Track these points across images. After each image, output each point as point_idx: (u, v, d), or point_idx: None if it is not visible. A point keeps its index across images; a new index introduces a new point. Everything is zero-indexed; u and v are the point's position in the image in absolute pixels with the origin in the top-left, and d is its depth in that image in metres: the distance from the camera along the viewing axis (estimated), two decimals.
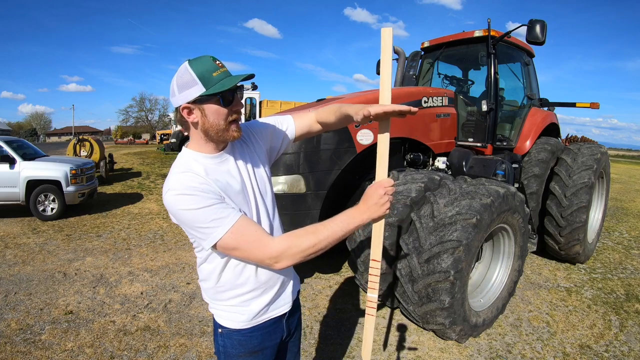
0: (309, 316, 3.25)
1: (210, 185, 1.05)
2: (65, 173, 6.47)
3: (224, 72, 1.05)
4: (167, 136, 24.87)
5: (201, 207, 1.00)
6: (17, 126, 60.45)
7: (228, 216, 1.02)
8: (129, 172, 12.65)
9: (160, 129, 45.30)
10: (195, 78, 1.02)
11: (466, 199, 2.74)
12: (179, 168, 1.08)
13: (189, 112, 1.07)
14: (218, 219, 1.01)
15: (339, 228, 1.07)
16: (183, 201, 1.01)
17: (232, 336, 1.21)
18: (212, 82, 1.02)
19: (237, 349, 1.20)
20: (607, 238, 5.90)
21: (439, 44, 4.64)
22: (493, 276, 3.21)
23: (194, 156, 1.11)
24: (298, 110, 3.27)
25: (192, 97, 1.03)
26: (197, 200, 1.00)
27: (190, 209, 1.00)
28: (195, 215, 1.01)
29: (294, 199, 2.99)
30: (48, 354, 2.67)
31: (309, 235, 1.05)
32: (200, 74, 1.02)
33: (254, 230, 1.05)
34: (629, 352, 2.85)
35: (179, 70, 1.05)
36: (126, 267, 4.30)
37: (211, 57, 1.06)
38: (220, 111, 1.06)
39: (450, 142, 4.09)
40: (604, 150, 4.57)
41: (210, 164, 1.11)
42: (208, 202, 1.01)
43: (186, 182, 1.03)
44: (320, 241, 1.05)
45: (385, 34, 1.10)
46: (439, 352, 2.75)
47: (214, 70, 1.03)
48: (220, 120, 1.07)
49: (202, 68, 1.03)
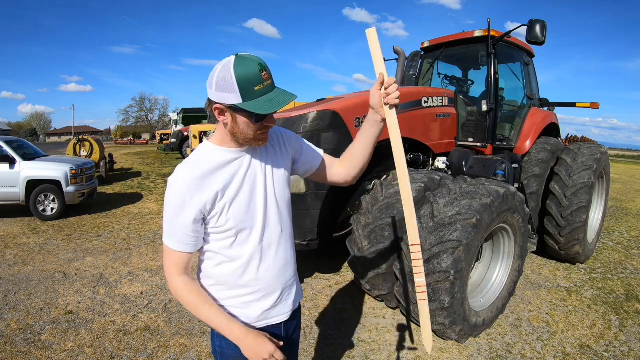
0: (309, 316, 3.25)
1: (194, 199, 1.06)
2: (65, 173, 6.47)
3: (267, 87, 1.01)
4: (167, 136, 24.84)
5: (168, 216, 1.10)
6: (17, 126, 60.48)
7: (174, 241, 1.11)
8: (129, 172, 12.65)
9: (160, 129, 45.31)
10: (235, 84, 0.98)
11: (466, 199, 2.74)
12: (190, 159, 1.12)
13: (221, 113, 1.05)
14: (168, 233, 1.12)
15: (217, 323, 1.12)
16: (167, 194, 1.09)
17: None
18: (250, 95, 0.98)
19: (234, 350, 1.19)
20: (607, 238, 5.90)
21: (439, 44, 4.64)
22: (493, 276, 3.21)
23: (212, 150, 1.13)
24: (298, 109, 3.27)
25: (227, 102, 1.01)
26: (170, 208, 1.09)
27: (165, 206, 1.10)
28: (164, 213, 1.11)
29: (294, 199, 2.95)
30: (48, 354, 2.67)
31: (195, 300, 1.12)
32: (242, 82, 0.98)
33: (175, 263, 1.14)
34: (629, 352, 2.85)
35: (223, 66, 1.00)
36: (126, 267, 4.30)
37: (259, 65, 1.00)
38: (251, 125, 1.05)
39: (450, 142, 4.09)
40: (604, 150, 4.57)
41: (225, 157, 1.12)
42: (173, 219, 1.09)
43: (178, 183, 1.08)
44: (196, 312, 1.13)
45: (370, 34, 1.16)
46: (439, 352, 2.75)
47: (257, 82, 0.99)
48: (250, 131, 1.07)
49: (246, 76, 0.98)
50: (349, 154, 1.35)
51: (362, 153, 1.30)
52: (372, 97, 1.19)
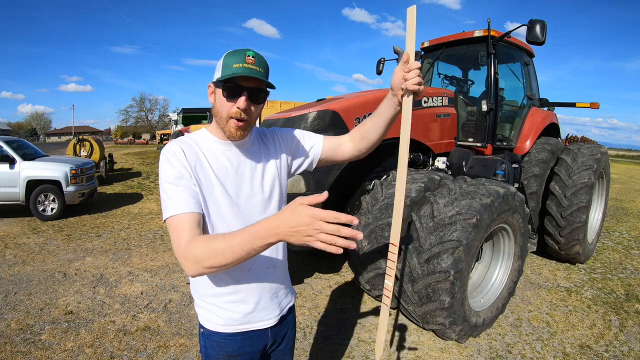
0: (309, 316, 3.25)
1: (192, 166, 1.06)
2: (65, 173, 6.47)
3: (245, 68, 1.02)
4: (167, 136, 24.87)
5: (168, 180, 1.05)
6: (17, 126, 60.48)
7: (176, 205, 1.01)
8: (129, 172, 12.65)
9: (160, 129, 45.34)
10: (221, 62, 1.06)
11: (466, 199, 2.74)
12: (182, 139, 1.14)
13: (210, 93, 1.12)
14: (171, 200, 1.03)
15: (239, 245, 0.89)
16: (162, 164, 1.07)
17: (212, 337, 1.18)
18: (227, 70, 1.04)
19: (216, 351, 1.17)
20: (607, 238, 5.90)
21: (439, 44, 4.64)
22: (493, 276, 3.21)
23: (205, 135, 1.16)
24: (298, 109, 3.27)
25: (214, 79, 1.09)
26: (170, 170, 1.05)
27: (162, 176, 1.06)
28: (162, 185, 1.06)
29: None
30: (48, 354, 2.67)
31: (207, 244, 0.93)
32: (226, 60, 1.05)
33: (182, 227, 0.99)
34: (629, 352, 2.85)
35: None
36: (126, 267, 4.29)
37: (249, 52, 1.05)
38: (222, 101, 1.07)
39: (450, 142, 4.08)
40: (604, 150, 4.57)
41: (214, 146, 1.14)
42: (175, 179, 1.04)
43: (173, 150, 1.07)
44: (225, 252, 0.90)
45: (410, 12, 1.12)
46: (439, 352, 2.75)
47: (238, 62, 1.03)
48: (222, 109, 1.08)
49: (232, 57, 1.05)
50: (360, 129, 1.32)
51: (373, 131, 1.27)
52: (394, 76, 1.16)
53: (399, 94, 1.16)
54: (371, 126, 1.27)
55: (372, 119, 1.27)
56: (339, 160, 1.38)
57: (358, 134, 1.32)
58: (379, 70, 5.38)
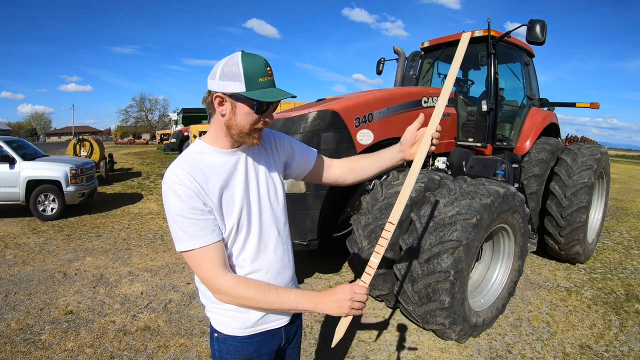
0: (309, 316, 3.25)
1: (201, 192, 1.03)
2: (65, 173, 6.48)
3: (270, 81, 1.04)
4: (167, 136, 24.88)
5: (179, 213, 1.01)
6: (17, 126, 60.49)
7: (196, 238, 1.02)
8: (129, 172, 12.66)
9: (160, 129, 45.34)
10: (241, 74, 1.00)
11: (466, 199, 2.74)
12: (182, 159, 1.08)
13: (221, 102, 1.05)
14: (187, 234, 1.02)
15: (288, 302, 1.08)
16: (169, 196, 1.03)
17: (227, 342, 1.17)
18: (254, 85, 1.01)
19: (232, 355, 1.17)
20: (607, 238, 5.90)
21: (439, 44, 4.64)
22: (493, 276, 3.21)
23: (204, 149, 1.10)
24: (298, 109, 3.27)
25: (230, 91, 1.01)
26: (180, 204, 1.01)
27: (171, 208, 1.02)
28: (172, 217, 1.03)
29: (294, 199, 2.99)
30: (48, 354, 2.67)
31: (257, 291, 1.06)
32: (248, 72, 1.00)
33: (211, 260, 1.04)
34: (628, 352, 2.85)
35: (229, 58, 1.03)
36: (126, 267, 4.30)
37: (264, 61, 1.04)
38: (250, 116, 1.05)
39: (450, 142, 4.08)
40: (604, 150, 4.57)
41: (218, 159, 1.10)
42: (187, 212, 1.01)
43: (179, 178, 1.02)
44: (262, 302, 1.06)
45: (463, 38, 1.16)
46: (439, 352, 2.75)
47: (262, 74, 1.02)
48: (247, 123, 1.05)
49: (252, 67, 1.01)
50: (352, 162, 1.35)
51: (364, 172, 1.33)
52: (407, 133, 1.20)
53: (406, 152, 1.21)
54: (364, 165, 1.32)
55: (367, 159, 1.31)
56: (323, 180, 1.40)
57: (348, 166, 1.36)
58: (379, 70, 5.38)
